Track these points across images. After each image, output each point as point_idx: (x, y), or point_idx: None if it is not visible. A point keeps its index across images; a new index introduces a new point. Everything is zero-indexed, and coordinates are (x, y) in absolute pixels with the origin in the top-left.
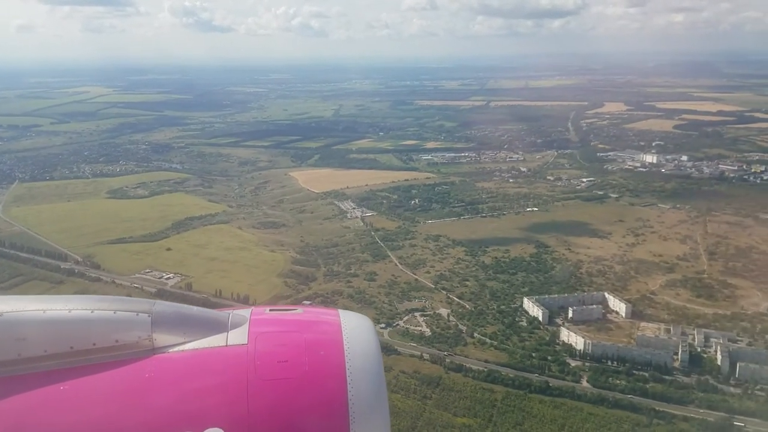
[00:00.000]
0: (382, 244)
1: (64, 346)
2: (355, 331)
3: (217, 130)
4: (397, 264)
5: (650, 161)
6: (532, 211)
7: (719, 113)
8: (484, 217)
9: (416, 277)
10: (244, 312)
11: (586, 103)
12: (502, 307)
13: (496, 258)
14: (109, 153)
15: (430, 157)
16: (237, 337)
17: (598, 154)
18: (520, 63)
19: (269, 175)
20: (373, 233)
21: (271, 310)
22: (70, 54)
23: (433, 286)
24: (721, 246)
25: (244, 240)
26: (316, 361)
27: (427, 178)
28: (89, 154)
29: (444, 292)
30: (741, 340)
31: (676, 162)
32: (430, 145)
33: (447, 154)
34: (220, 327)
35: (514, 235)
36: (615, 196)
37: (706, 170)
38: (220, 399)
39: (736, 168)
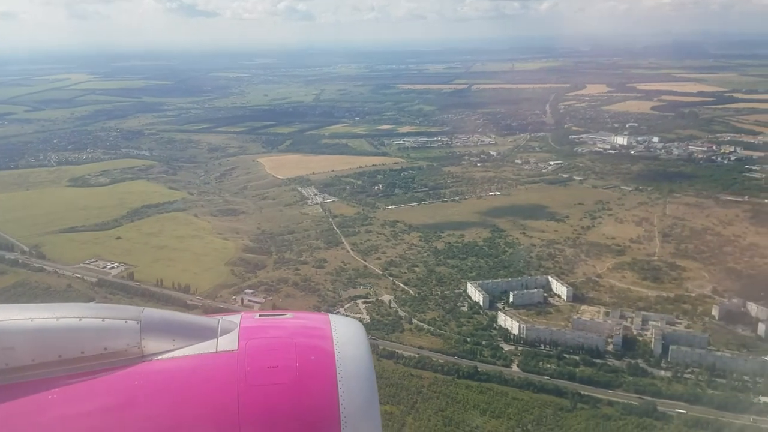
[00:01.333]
0: (337, 231)
1: (53, 355)
2: (346, 335)
3: (192, 116)
4: (349, 251)
5: (621, 143)
6: (494, 195)
7: (699, 94)
8: (445, 201)
9: (366, 263)
10: (234, 318)
11: (568, 85)
12: (446, 292)
13: (449, 243)
14: (78, 140)
15: (401, 142)
16: (227, 343)
17: (570, 136)
18: (508, 46)
19: (237, 161)
20: (330, 220)
21: (261, 315)
22: (56, 41)
23: (381, 273)
24: (676, 228)
25: (198, 228)
26: (306, 366)
27: (395, 163)
28: (59, 142)
29: (391, 279)
30: (680, 323)
31: (646, 143)
32: (405, 129)
33: (419, 139)
34: (209, 333)
35: (472, 220)
36: (579, 179)
37: (676, 152)
38: (211, 405)
39: (705, 149)
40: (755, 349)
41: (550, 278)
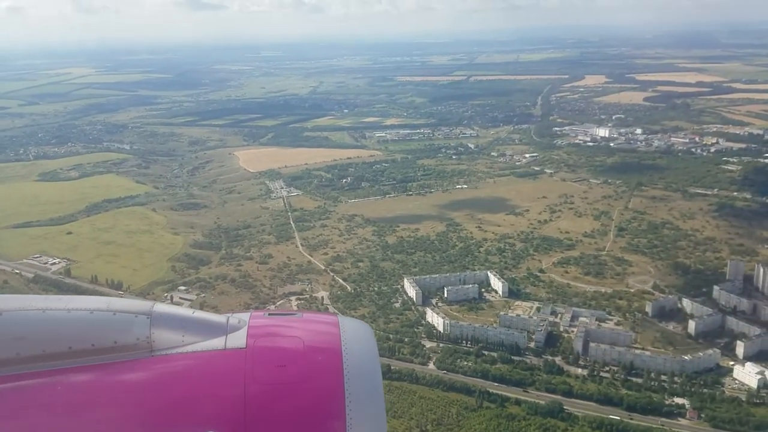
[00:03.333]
0: (293, 225)
1: (63, 347)
2: (354, 336)
3: (184, 110)
4: (299, 246)
5: (602, 135)
6: (461, 188)
7: (698, 84)
8: (410, 195)
9: (311, 259)
10: (243, 315)
11: (566, 76)
12: (384, 288)
13: (401, 237)
14: (63, 135)
15: (383, 134)
16: (235, 340)
17: (553, 128)
18: (517, 37)
19: (214, 154)
20: (289, 214)
21: (270, 314)
22: (64, 36)
23: (324, 268)
24: (634, 222)
25: (152, 223)
26: (314, 365)
27: (370, 155)
28: (43, 136)
29: (332, 275)
30: (611, 319)
31: (628, 135)
32: (390, 121)
33: (402, 131)
34: (218, 330)
35: (430, 213)
36: (550, 171)
37: (656, 144)
38: (218, 402)
39: (687, 141)
40: (681, 347)
41: (489, 273)
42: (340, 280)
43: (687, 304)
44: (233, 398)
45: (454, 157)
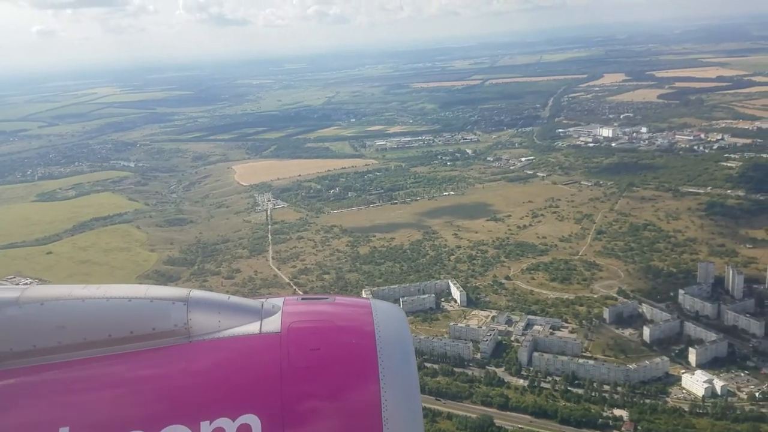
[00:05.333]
0: (270, 238)
1: (103, 334)
2: (387, 320)
3: (196, 125)
4: (270, 259)
5: (605, 135)
6: (448, 195)
7: (717, 79)
8: (395, 204)
9: (278, 272)
10: (277, 300)
11: (585, 75)
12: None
13: (374, 247)
14: (72, 154)
15: (383, 143)
16: (270, 325)
17: (557, 130)
18: (543, 38)
19: (213, 169)
20: (269, 227)
21: (303, 298)
22: (95, 56)
23: (289, 281)
24: (616, 224)
25: (132, 240)
26: (348, 349)
27: (366, 164)
28: (54, 157)
29: (295, 287)
30: (566, 327)
31: (632, 135)
32: (394, 129)
33: (403, 139)
34: (253, 315)
35: (409, 222)
36: (542, 175)
37: (659, 142)
38: (255, 386)
39: (691, 138)
40: (633, 355)
41: (450, 282)
42: (301, 293)
43: (647, 309)
44: (270, 381)
45: (448, 163)
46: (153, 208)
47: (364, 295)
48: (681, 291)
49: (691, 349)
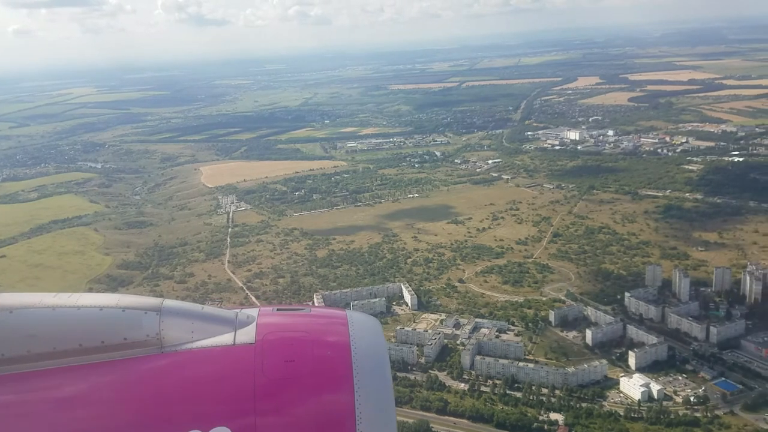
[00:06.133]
0: (229, 242)
1: (73, 344)
2: (362, 332)
3: (169, 126)
4: (225, 263)
5: (572, 138)
6: (412, 197)
7: (689, 82)
8: (359, 206)
9: (232, 276)
10: (252, 311)
11: (560, 78)
12: (294, 304)
13: (333, 250)
14: (40, 156)
15: (354, 145)
16: (245, 336)
17: (526, 133)
18: (522, 40)
19: (180, 170)
20: (229, 229)
21: (278, 309)
22: (74, 56)
23: (242, 286)
24: (572, 227)
25: (88, 243)
26: (323, 361)
27: (334, 166)
28: (21, 158)
29: (247, 292)
30: (512, 330)
31: (600, 137)
32: (367, 131)
33: (374, 141)
34: (227, 326)
35: (371, 224)
36: (507, 177)
37: (624, 145)
38: (227, 398)
39: (656, 141)
40: (575, 358)
41: (402, 286)
42: (253, 298)
43: (591, 312)
44: (243, 393)
45: (416, 165)
46: (114, 210)
47: (315, 300)
48: (627, 294)
49: (630, 352)
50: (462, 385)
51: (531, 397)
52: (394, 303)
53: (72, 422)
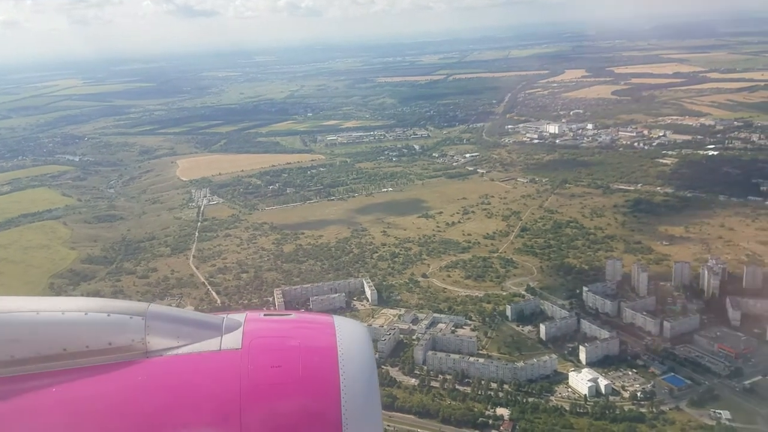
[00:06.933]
0: (196, 236)
1: (57, 348)
2: (349, 337)
3: (152, 118)
4: (190, 257)
5: (551, 131)
6: (386, 191)
7: (674, 75)
8: (332, 200)
9: (195, 271)
10: (239, 316)
11: (546, 71)
12: (254, 300)
13: (300, 245)
14: (19, 148)
15: (334, 138)
16: (231, 341)
17: (507, 126)
18: (514, 33)
19: (158, 163)
20: (198, 224)
21: (265, 314)
22: (61, 49)
23: (204, 281)
24: (540, 222)
25: (55, 237)
26: (309, 367)
27: (312, 160)
28: None
29: (208, 287)
30: (469, 324)
31: (579, 131)
32: (349, 124)
33: (355, 134)
34: (214, 331)
35: (341, 218)
36: (482, 171)
37: (601, 138)
38: (213, 404)
39: (634, 134)
40: (528, 352)
41: (363, 281)
42: (214, 293)
43: (548, 306)
44: (229, 400)
45: (394, 159)
46: (85, 204)
47: (275, 295)
48: (585, 288)
49: (581, 347)
50: (413, 381)
51: (479, 392)
52: (354, 298)
53: (55, 427)
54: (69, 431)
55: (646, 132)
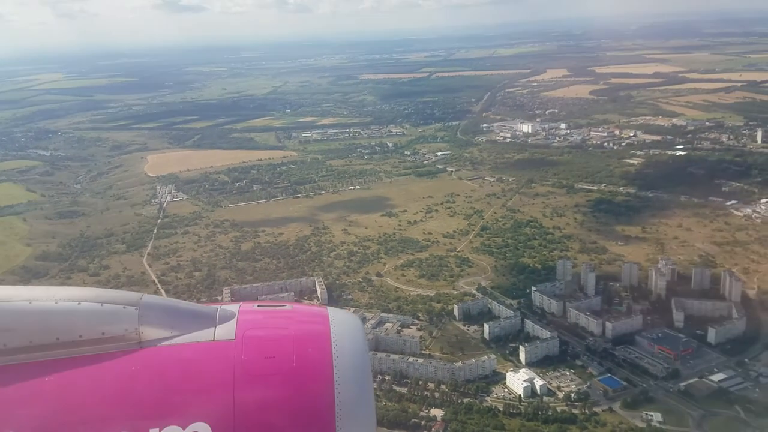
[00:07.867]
0: (155, 233)
1: (50, 338)
2: (343, 328)
3: (128, 113)
4: (145, 255)
5: (525, 131)
6: (353, 189)
7: (654, 75)
8: (298, 197)
9: (147, 269)
10: (233, 307)
11: (529, 70)
12: (203, 299)
13: (258, 243)
14: None
15: (309, 135)
16: (225, 332)
17: (482, 125)
18: (501, 32)
19: (128, 159)
20: (159, 220)
21: (259, 305)
22: (47, 42)
23: (155, 279)
24: (501, 221)
25: (12, 233)
26: (303, 357)
27: (283, 156)
28: None
29: (158, 286)
30: (416, 324)
31: (551, 130)
32: (326, 121)
33: (330, 131)
34: (207, 322)
35: (304, 216)
36: (452, 170)
37: (574, 138)
38: (207, 394)
39: (605, 134)
40: (470, 352)
41: (316, 280)
42: (163, 292)
43: (495, 306)
44: (222, 390)
45: (366, 156)
46: (48, 199)
47: (225, 294)
48: (533, 288)
49: (521, 347)
50: None
51: (416, 393)
52: (305, 298)
53: (49, 417)
54: (62, 421)
55: (617, 132)
